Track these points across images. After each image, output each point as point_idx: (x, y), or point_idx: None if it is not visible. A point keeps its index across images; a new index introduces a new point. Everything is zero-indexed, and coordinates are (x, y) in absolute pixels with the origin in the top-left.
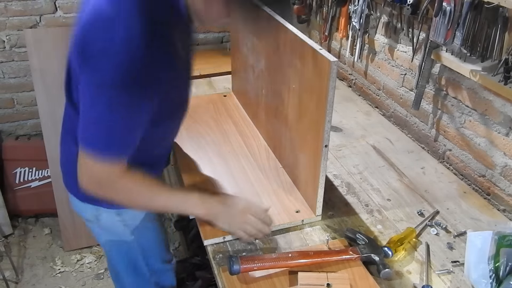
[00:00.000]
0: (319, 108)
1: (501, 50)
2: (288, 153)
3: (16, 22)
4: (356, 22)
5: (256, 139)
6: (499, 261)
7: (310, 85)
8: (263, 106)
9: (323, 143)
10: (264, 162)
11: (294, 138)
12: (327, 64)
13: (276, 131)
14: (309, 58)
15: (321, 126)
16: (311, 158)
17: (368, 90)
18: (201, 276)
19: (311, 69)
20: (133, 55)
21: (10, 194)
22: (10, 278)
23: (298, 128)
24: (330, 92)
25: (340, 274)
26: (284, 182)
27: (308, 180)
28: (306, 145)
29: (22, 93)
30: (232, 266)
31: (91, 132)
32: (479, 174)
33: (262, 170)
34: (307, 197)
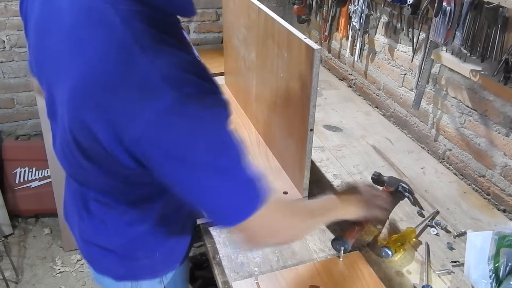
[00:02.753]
0: (304, 94)
1: (501, 50)
2: (277, 139)
3: (16, 22)
4: (356, 22)
5: (248, 128)
6: (499, 261)
7: (296, 73)
8: (254, 96)
9: (308, 127)
10: (255, 149)
11: (282, 124)
12: (311, 52)
13: (266, 118)
14: (295, 47)
15: (306, 111)
16: (298, 142)
17: (368, 90)
18: (201, 276)
19: (297, 57)
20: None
21: (10, 194)
22: (10, 278)
23: (286, 114)
24: (314, 79)
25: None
26: (273, 166)
27: (296, 163)
28: (293, 130)
29: (22, 93)
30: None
31: (226, 205)
32: (479, 174)
33: (253, 156)
34: (295, 180)
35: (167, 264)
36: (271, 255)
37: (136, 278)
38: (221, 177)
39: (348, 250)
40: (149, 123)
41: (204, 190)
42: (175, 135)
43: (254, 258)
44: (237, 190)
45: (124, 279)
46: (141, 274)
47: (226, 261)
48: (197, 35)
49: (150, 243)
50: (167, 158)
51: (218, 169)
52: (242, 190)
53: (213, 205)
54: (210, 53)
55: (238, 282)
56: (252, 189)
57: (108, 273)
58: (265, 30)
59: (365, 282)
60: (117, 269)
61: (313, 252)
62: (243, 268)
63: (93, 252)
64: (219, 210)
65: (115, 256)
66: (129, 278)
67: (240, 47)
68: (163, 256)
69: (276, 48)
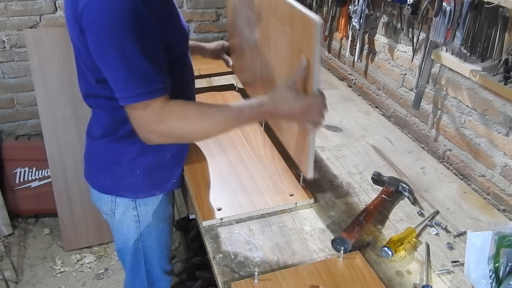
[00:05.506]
0: (307, 70)
1: (501, 50)
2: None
3: (16, 22)
4: (356, 22)
5: (253, 127)
6: (499, 261)
7: (299, 49)
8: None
9: None
10: (261, 150)
11: None
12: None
13: None
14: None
15: (309, 86)
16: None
17: (368, 90)
18: (201, 276)
19: (299, 32)
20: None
21: (10, 194)
22: (10, 278)
23: None
24: (317, 53)
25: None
26: (279, 168)
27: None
28: None
29: (22, 93)
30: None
31: (122, 86)
32: (479, 174)
33: (258, 157)
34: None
35: (146, 186)
36: (271, 255)
37: (116, 193)
38: (123, 58)
39: (348, 250)
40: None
41: (108, 63)
42: (99, 12)
43: (254, 258)
44: (133, 75)
45: (107, 192)
46: (121, 190)
47: (226, 261)
48: (197, 35)
49: (133, 156)
50: (90, 27)
51: (123, 50)
52: (137, 77)
53: (113, 79)
54: None
55: (238, 282)
56: (146, 81)
57: (94, 184)
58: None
59: (365, 282)
60: (102, 181)
61: (313, 252)
62: (243, 268)
63: (88, 164)
64: (116, 85)
65: (101, 164)
66: (110, 192)
67: (244, 28)
68: (143, 175)
69: (278, 26)
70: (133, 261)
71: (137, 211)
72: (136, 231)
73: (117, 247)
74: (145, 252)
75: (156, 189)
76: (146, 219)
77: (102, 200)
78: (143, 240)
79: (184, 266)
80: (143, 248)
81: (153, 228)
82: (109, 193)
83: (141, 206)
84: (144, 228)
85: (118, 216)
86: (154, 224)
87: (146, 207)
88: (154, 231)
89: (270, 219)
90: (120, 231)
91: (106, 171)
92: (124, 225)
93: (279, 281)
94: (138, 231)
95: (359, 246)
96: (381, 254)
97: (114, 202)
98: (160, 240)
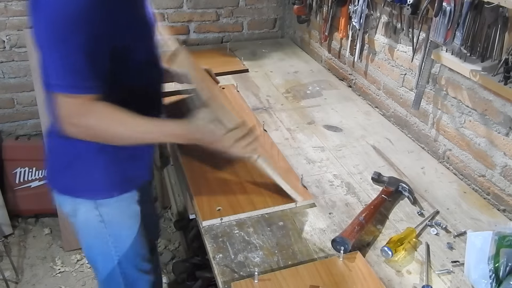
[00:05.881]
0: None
1: (501, 50)
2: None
3: (16, 22)
4: (356, 22)
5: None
6: (499, 261)
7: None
8: None
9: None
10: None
11: None
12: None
13: None
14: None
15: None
16: None
17: (368, 90)
18: (201, 276)
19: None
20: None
21: (10, 194)
22: (10, 278)
23: None
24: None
25: None
26: (280, 167)
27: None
28: None
29: (22, 93)
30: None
31: (56, 74)
32: (479, 174)
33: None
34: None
35: (105, 186)
36: (271, 255)
37: (74, 194)
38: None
39: (348, 250)
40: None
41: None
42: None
43: (254, 258)
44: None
45: (66, 193)
46: (79, 191)
47: (226, 261)
48: (197, 35)
49: (91, 156)
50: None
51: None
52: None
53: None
54: (210, 53)
55: (238, 282)
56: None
57: (54, 185)
58: None
59: (365, 282)
60: (61, 181)
61: (313, 252)
62: (243, 268)
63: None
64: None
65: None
66: (68, 193)
67: None
68: (101, 175)
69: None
70: (105, 264)
71: (99, 210)
72: (102, 232)
73: (85, 252)
74: (117, 253)
75: (114, 190)
76: (110, 218)
77: (63, 201)
78: (113, 241)
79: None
80: (114, 249)
81: (120, 227)
82: (68, 194)
83: (103, 205)
84: (111, 228)
85: (81, 217)
86: (121, 223)
87: (108, 206)
88: (122, 230)
89: (270, 219)
90: (85, 233)
91: (64, 171)
92: (89, 226)
93: (279, 281)
94: (105, 231)
95: (359, 246)
96: (381, 254)
97: (75, 202)
98: (130, 239)
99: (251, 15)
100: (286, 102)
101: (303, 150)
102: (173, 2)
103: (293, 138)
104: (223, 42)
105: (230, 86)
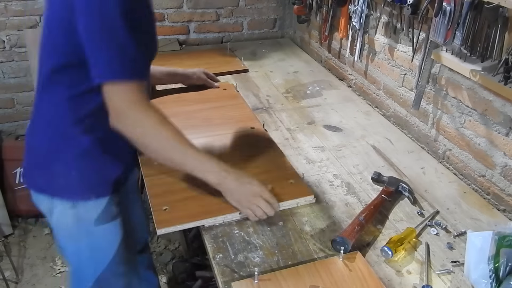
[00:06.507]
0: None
1: (501, 50)
2: None
3: (16, 22)
4: (356, 22)
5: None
6: (499, 261)
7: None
8: None
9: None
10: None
11: None
12: None
13: None
14: None
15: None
16: None
17: (368, 90)
18: (201, 276)
19: None
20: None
21: (10, 194)
22: (10, 278)
23: None
24: None
25: None
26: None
27: None
28: None
29: (22, 93)
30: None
31: (106, 62)
32: (479, 174)
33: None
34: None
35: (82, 189)
36: (271, 255)
37: (51, 193)
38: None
39: (348, 250)
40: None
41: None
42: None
43: (254, 258)
44: (117, 55)
45: (42, 192)
46: (56, 190)
47: (226, 261)
48: (197, 35)
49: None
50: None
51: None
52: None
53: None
54: (210, 53)
55: (238, 282)
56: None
57: (32, 183)
58: None
59: (365, 282)
60: (37, 179)
61: (313, 252)
62: (243, 268)
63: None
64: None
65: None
66: (45, 192)
67: None
68: (79, 177)
69: None
70: (78, 265)
71: (76, 209)
72: (78, 232)
73: (61, 250)
74: (92, 253)
75: (91, 193)
76: (87, 217)
77: (40, 199)
78: (87, 242)
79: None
80: (88, 251)
81: (96, 229)
82: (44, 193)
83: (80, 205)
84: (87, 228)
85: (57, 215)
86: (96, 225)
87: (85, 207)
88: (97, 231)
89: (270, 218)
90: (60, 232)
91: (41, 169)
92: (64, 226)
93: (279, 281)
94: (79, 231)
95: (359, 246)
96: (381, 254)
97: (51, 201)
98: (107, 242)
99: (251, 15)
100: (286, 102)
101: (303, 150)
102: (173, 2)
103: (293, 138)
104: (223, 42)
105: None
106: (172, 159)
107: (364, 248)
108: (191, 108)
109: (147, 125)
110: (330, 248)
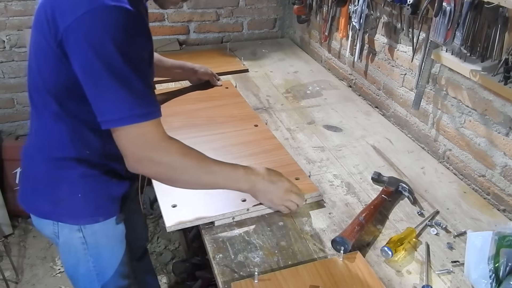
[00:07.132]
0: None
1: (501, 50)
2: None
3: (16, 22)
4: (356, 22)
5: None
6: (499, 261)
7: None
8: None
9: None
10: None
11: None
12: None
13: None
14: None
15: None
16: None
17: (368, 90)
18: (201, 276)
19: None
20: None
21: (10, 194)
22: (10, 278)
23: None
24: None
25: None
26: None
27: None
28: None
29: (22, 93)
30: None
31: (111, 106)
32: (479, 174)
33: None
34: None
35: (88, 212)
36: (271, 255)
37: (56, 218)
38: (115, 77)
39: (348, 250)
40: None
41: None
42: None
43: (254, 258)
44: (125, 96)
45: (45, 217)
46: (61, 215)
47: (226, 261)
48: (197, 35)
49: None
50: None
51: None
52: (130, 97)
53: (100, 100)
54: (210, 53)
55: (238, 282)
56: (140, 102)
57: (33, 209)
58: None
59: (365, 282)
60: (40, 204)
61: (313, 252)
62: (243, 268)
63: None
64: (103, 106)
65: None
66: (49, 217)
67: None
68: (85, 200)
69: None
70: (84, 284)
71: (82, 233)
72: (85, 253)
73: (67, 272)
74: (97, 272)
75: (99, 215)
76: (93, 240)
77: (43, 224)
78: (94, 261)
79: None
80: (95, 269)
81: (103, 248)
82: (48, 218)
83: (86, 228)
84: (93, 250)
85: (63, 239)
86: (103, 245)
87: (92, 229)
88: (104, 250)
89: (270, 219)
90: (66, 254)
91: (44, 193)
92: (71, 248)
93: (279, 281)
94: (87, 252)
95: (359, 246)
96: (381, 254)
97: (57, 226)
98: (113, 259)
99: (251, 15)
100: (286, 102)
101: (303, 150)
102: None
103: (293, 138)
104: (223, 42)
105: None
106: (204, 184)
107: (364, 248)
108: (194, 107)
109: (173, 162)
110: (330, 248)
